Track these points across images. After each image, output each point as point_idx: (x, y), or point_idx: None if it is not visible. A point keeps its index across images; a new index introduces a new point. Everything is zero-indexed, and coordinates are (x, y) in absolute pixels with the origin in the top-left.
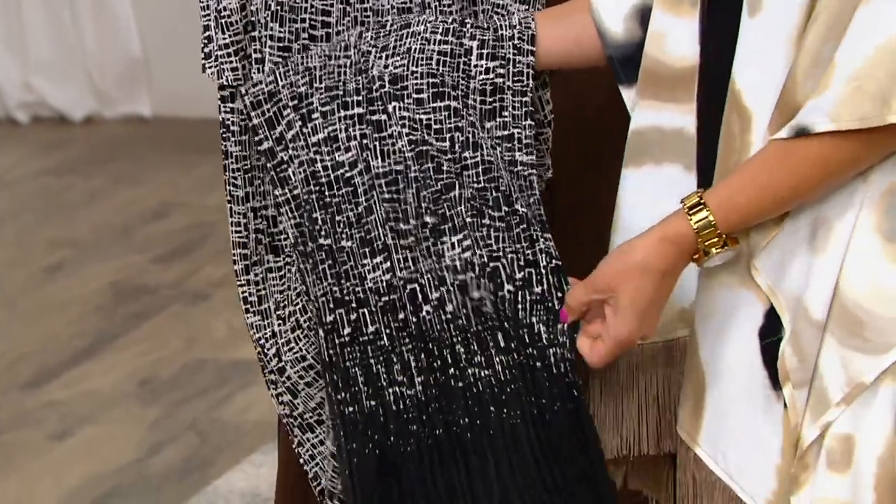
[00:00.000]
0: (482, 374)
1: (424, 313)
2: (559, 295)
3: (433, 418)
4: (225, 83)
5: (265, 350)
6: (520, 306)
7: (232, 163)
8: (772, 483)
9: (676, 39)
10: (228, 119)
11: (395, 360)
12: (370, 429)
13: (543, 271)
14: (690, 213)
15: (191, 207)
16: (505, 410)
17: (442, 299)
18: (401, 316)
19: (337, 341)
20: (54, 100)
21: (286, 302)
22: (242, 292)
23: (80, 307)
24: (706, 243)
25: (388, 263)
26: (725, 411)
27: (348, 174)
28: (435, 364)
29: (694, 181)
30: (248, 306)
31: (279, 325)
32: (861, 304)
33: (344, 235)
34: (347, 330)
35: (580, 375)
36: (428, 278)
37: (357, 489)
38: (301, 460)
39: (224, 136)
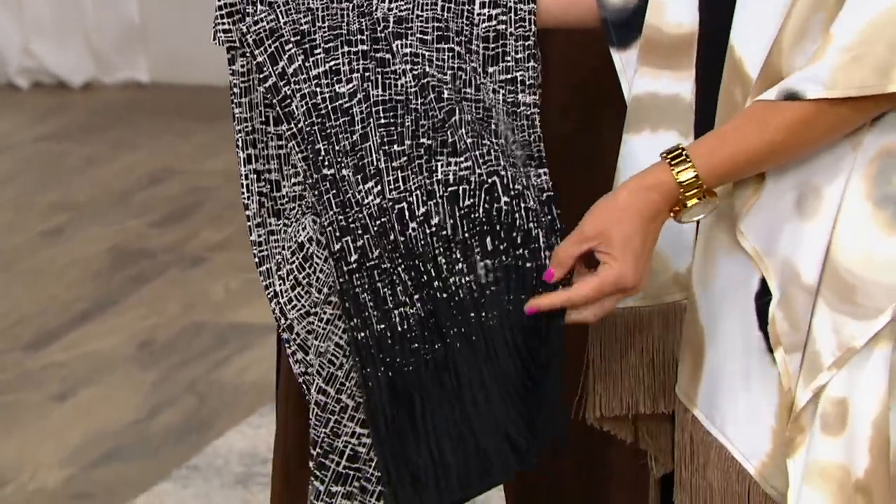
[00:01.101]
0: (463, 280)
1: (410, 230)
2: (550, 219)
3: (432, 333)
4: (219, 45)
5: (273, 309)
6: (517, 214)
7: (235, 124)
8: (766, 444)
9: (675, 7)
10: (233, 81)
11: (396, 281)
12: (381, 352)
13: (538, 195)
14: (672, 163)
15: (188, 173)
16: (483, 314)
17: (428, 213)
18: (391, 237)
19: (345, 269)
20: (54, 65)
21: (284, 262)
22: (252, 252)
23: (79, 271)
24: (686, 194)
25: (379, 187)
26: (722, 374)
27: (347, 104)
28: (423, 279)
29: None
30: (256, 265)
31: (280, 284)
32: (852, 269)
33: (343, 164)
34: (354, 257)
35: (578, 338)
36: (417, 195)
37: (374, 411)
38: (313, 422)
39: (231, 97)
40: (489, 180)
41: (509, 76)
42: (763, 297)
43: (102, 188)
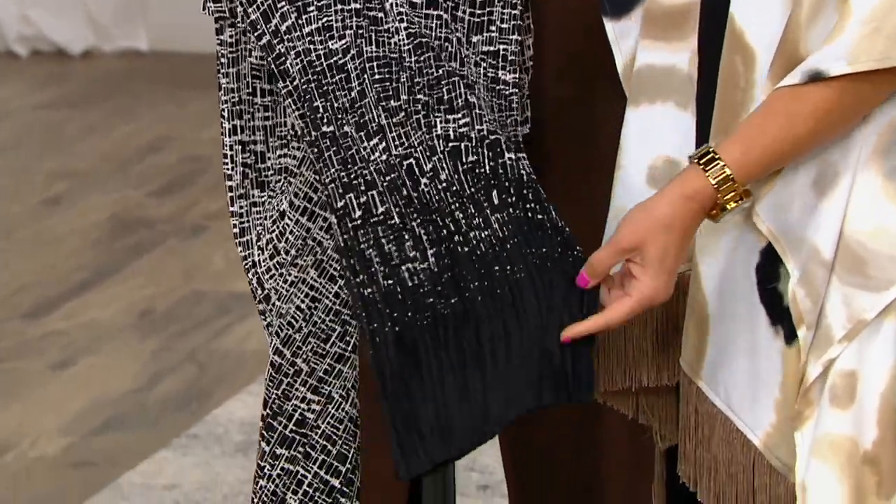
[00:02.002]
0: (483, 235)
1: (423, 186)
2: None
3: (447, 287)
4: (208, 14)
5: (250, 280)
6: (523, 171)
7: (222, 94)
8: (771, 416)
9: None
10: (220, 51)
11: (406, 236)
12: (389, 307)
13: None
14: (705, 167)
15: (186, 141)
16: (508, 267)
17: (435, 169)
18: (404, 192)
19: (350, 225)
20: (53, 33)
21: (264, 231)
22: (231, 223)
23: (78, 240)
24: (725, 198)
25: (384, 144)
26: (727, 346)
27: (341, 61)
28: (442, 234)
29: (688, 119)
30: (234, 237)
31: (259, 254)
32: (863, 242)
33: (343, 121)
34: (358, 213)
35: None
36: (421, 150)
37: (381, 366)
38: (266, 382)
39: (217, 68)
40: (490, 137)
41: (492, 48)
42: (765, 269)
43: (101, 157)
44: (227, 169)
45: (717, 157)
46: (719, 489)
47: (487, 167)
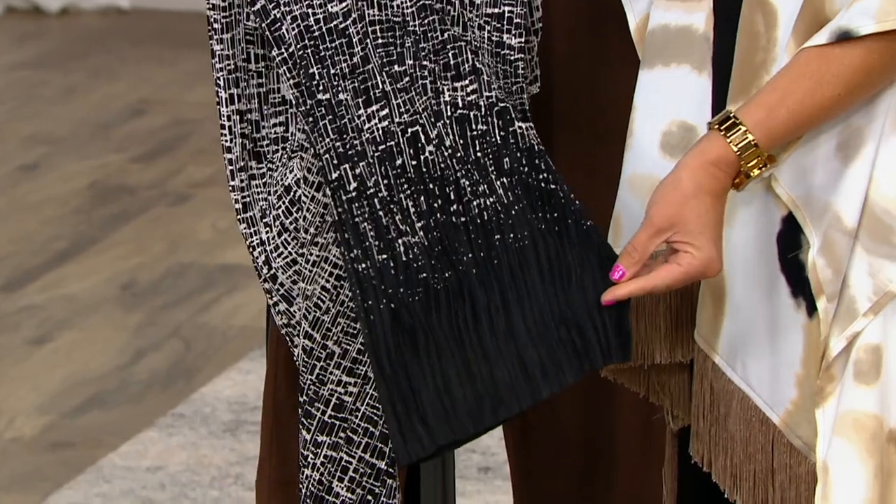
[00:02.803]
0: (487, 202)
1: (427, 154)
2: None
3: (441, 261)
4: None
5: (256, 258)
6: (534, 140)
7: (216, 62)
8: (791, 392)
9: None
10: (211, 16)
11: (395, 209)
12: (383, 283)
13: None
14: (727, 134)
15: (171, 104)
16: (511, 235)
17: (440, 135)
18: (398, 162)
19: (344, 197)
20: None
21: (270, 207)
22: (232, 198)
23: (57, 208)
24: (748, 165)
25: (387, 111)
26: (745, 319)
27: (342, 25)
28: (434, 204)
29: (705, 82)
30: (236, 213)
31: (266, 231)
32: (890, 209)
33: (340, 88)
34: (353, 185)
35: None
36: (426, 116)
37: (376, 345)
38: (300, 368)
39: (209, 33)
40: (500, 105)
41: (496, 10)
42: (787, 237)
43: (81, 120)
44: (226, 140)
45: (738, 122)
46: (736, 470)
47: (497, 136)
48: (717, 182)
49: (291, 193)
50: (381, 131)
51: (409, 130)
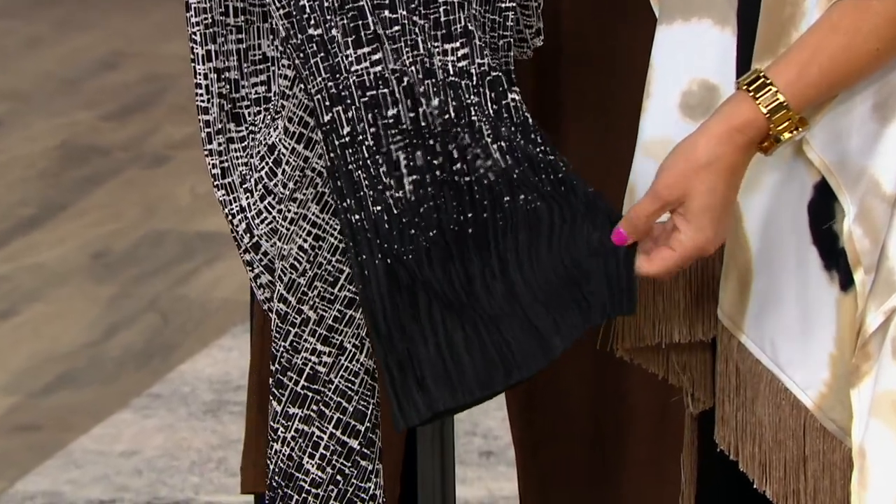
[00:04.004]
0: (487, 163)
1: (425, 107)
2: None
3: (426, 219)
4: None
5: (235, 227)
6: (527, 115)
7: (192, 16)
8: (824, 373)
9: None
10: None
11: (381, 161)
12: (378, 236)
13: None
14: (755, 94)
15: (146, 57)
16: (522, 196)
17: (428, 93)
18: (390, 112)
19: (337, 143)
20: None
21: (251, 171)
22: (208, 163)
23: (22, 170)
24: (778, 128)
25: (379, 55)
26: (773, 294)
27: None
28: (435, 161)
29: (728, 38)
30: (213, 179)
31: (247, 197)
32: None
33: (332, 24)
34: (347, 129)
35: None
36: (414, 71)
37: (372, 302)
38: (273, 333)
39: None
40: (492, 74)
41: None
42: (819, 206)
43: (48, 74)
44: (202, 101)
45: (768, 81)
46: (765, 457)
47: (490, 110)
48: (739, 152)
49: (276, 153)
50: (371, 76)
51: (405, 79)
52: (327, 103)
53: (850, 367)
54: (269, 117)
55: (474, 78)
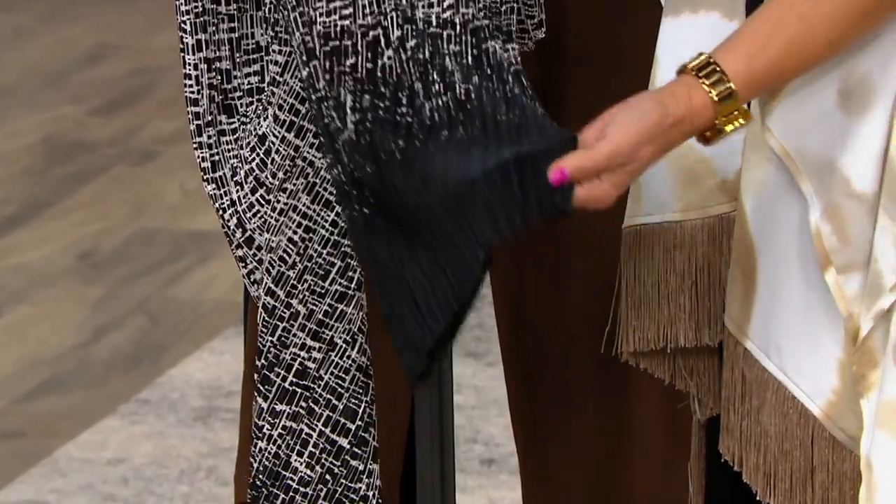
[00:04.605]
0: (439, 102)
1: (385, 59)
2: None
3: (365, 155)
4: None
5: (226, 221)
6: (509, 56)
7: (181, 4)
8: (833, 380)
9: None
10: None
11: (331, 104)
12: (354, 189)
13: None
14: (706, 82)
15: (134, 50)
16: (461, 129)
17: (403, 37)
18: (349, 61)
19: (314, 97)
20: None
21: (241, 162)
22: (197, 156)
23: (5, 167)
24: (725, 118)
25: (350, 10)
26: (780, 298)
27: None
28: (380, 105)
29: (735, 28)
30: (203, 173)
31: (237, 190)
32: None
33: None
34: (322, 83)
35: (612, 258)
36: (392, 17)
37: (366, 258)
38: (259, 328)
39: None
40: (476, 22)
41: None
42: None
43: (32, 67)
44: (191, 92)
45: (719, 69)
46: (770, 468)
47: (470, 57)
48: (683, 137)
49: (266, 143)
50: (337, 28)
51: (371, 34)
52: (304, 58)
53: (855, 377)
54: (260, 107)
55: (457, 27)
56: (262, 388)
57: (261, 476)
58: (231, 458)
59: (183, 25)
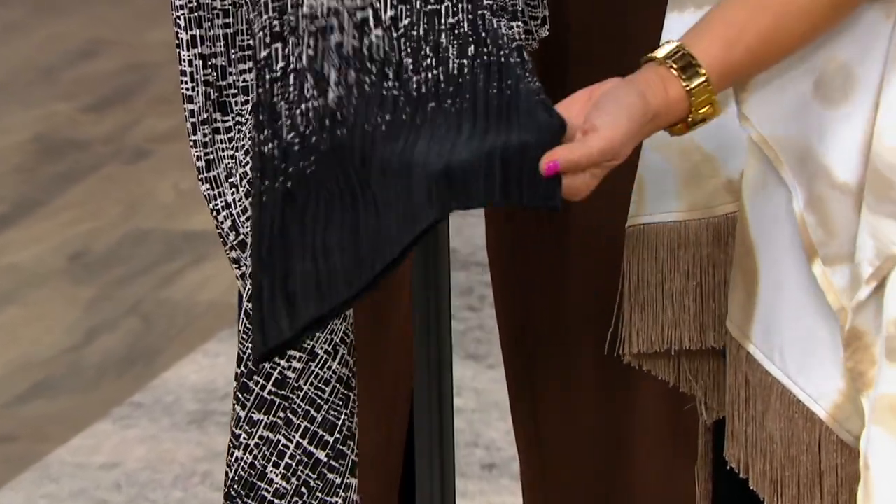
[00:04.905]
0: (429, 75)
1: (373, 37)
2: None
3: (344, 120)
4: None
5: (220, 223)
6: (503, 30)
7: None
8: (837, 382)
9: None
10: None
11: (309, 77)
12: (285, 161)
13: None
14: (681, 74)
15: (127, 45)
16: (449, 101)
17: (397, 17)
18: (335, 39)
19: (268, 76)
20: None
21: (236, 164)
22: (192, 155)
23: None
24: (698, 111)
25: None
26: (781, 299)
27: None
28: (366, 80)
29: None
30: (198, 172)
31: (232, 193)
32: (893, 162)
33: None
34: (280, 64)
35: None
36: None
37: (262, 230)
38: (240, 335)
39: None
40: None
41: None
42: None
43: (23, 63)
44: (187, 89)
45: (695, 61)
46: (777, 474)
47: (467, 25)
48: (657, 129)
49: None
50: (324, 8)
51: (359, 14)
52: (267, 40)
53: (854, 374)
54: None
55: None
56: (240, 396)
57: (236, 486)
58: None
59: (178, 21)
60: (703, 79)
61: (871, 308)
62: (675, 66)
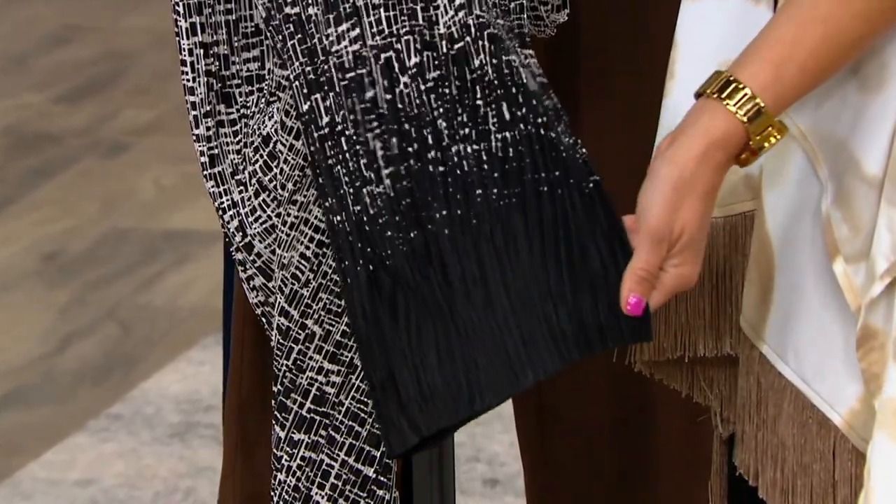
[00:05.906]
0: (469, 149)
1: (402, 86)
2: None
3: (407, 218)
4: None
5: (226, 224)
6: (536, 76)
7: None
8: (856, 387)
9: None
10: None
11: (361, 152)
12: (359, 240)
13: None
14: (729, 103)
15: (103, 32)
16: (496, 191)
17: (423, 64)
18: (368, 95)
19: (316, 134)
20: None
21: (245, 162)
22: (196, 150)
23: None
24: (758, 137)
25: (357, 31)
26: (798, 299)
27: None
28: (409, 149)
29: (764, 14)
30: (202, 168)
31: (240, 191)
32: None
33: (309, 1)
34: (326, 119)
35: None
36: (408, 41)
37: (355, 315)
38: (274, 351)
39: None
40: (492, 29)
41: None
42: None
43: None
44: (188, 80)
45: (742, 85)
46: (788, 483)
47: (491, 70)
48: (720, 170)
49: (271, 145)
50: (350, 55)
51: (382, 56)
52: (305, 91)
53: (868, 376)
54: (262, 100)
55: (473, 31)
56: (279, 415)
57: None
58: (211, 478)
59: (177, 7)
60: (756, 103)
61: (884, 305)
62: (721, 95)
